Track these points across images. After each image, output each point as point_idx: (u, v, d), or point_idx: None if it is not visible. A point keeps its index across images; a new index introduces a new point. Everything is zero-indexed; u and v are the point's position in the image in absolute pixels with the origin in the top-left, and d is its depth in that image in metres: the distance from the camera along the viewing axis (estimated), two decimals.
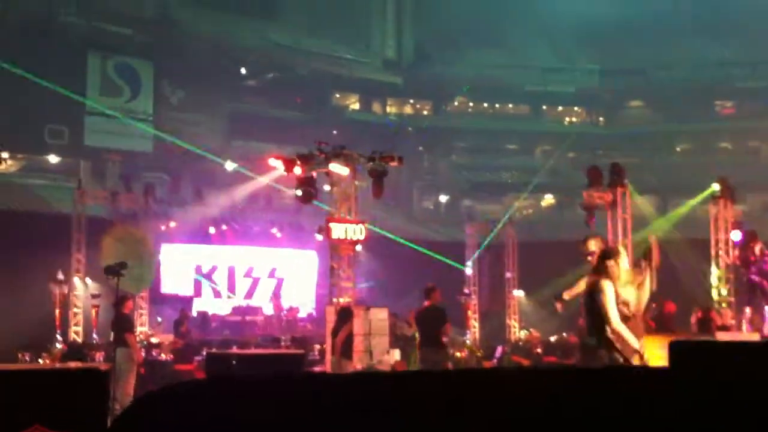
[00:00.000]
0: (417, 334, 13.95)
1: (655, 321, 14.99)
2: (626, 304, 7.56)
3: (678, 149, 42.80)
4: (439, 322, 12.44)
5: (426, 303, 12.67)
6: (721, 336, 13.68)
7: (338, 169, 15.33)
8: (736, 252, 18.13)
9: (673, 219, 22.97)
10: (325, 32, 37.95)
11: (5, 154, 32.65)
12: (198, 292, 24.52)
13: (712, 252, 18.84)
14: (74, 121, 31.55)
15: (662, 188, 35.77)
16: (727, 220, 18.82)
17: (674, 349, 3.42)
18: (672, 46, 39.06)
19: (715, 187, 18.92)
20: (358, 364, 13.98)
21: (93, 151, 32.37)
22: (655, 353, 7.94)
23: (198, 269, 24.82)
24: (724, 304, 18.31)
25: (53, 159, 33.22)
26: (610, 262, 7.37)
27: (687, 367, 3.36)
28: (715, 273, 18.74)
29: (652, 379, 3.57)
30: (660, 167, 38.76)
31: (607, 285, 7.16)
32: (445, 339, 12.65)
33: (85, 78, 31.94)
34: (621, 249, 8.20)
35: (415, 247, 24.26)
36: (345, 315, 13.02)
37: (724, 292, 18.60)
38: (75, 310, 18.84)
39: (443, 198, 41.51)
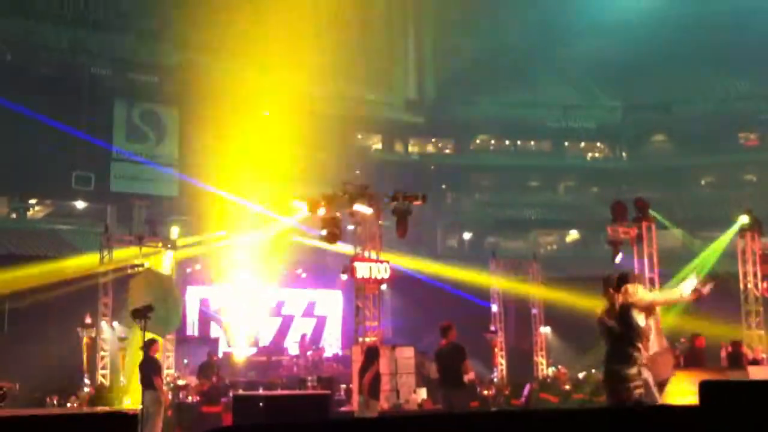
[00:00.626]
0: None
1: (685, 356, 14.79)
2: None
3: (702, 182, 42.56)
4: (458, 360, 12.26)
5: (443, 342, 12.46)
6: (753, 370, 13.44)
7: (362, 209, 15.39)
8: (765, 285, 17.91)
9: (717, 252, 22.44)
10: (348, 74, 38.33)
11: (33, 201, 33.45)
12: (207, 331, 24.46)
13: (741, 285, 18.61)
14: (101, 167, 32.02)
15: (688, 222, 35.52)
16: (755, 252, 18.62)
17: (705, 388, 3.39)
18: (693, 80, 39.09)
19: (744, 219, 18.74)
20: (384, 403, 13.90)
21: (119, 196, 32.77)
22: (685, 388, 7.85)
23: (203, 303, 24.75)
24: (755, 338, 18.05)
25: (80, 204, 33.65)
26: (629, 286, 7.45)
27: (717, 407, 3.32)
28: (744, 306, 18.50)
29: (683, 417, 3.53)
30: (685, 201, 38.54)
31: (635, 308, 7.26)
32: (466, 377, 12.45)
33: (111, 125, 32.47)
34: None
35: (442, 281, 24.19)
36: (372, 354, 12.94)
37: (753, 325, 18.34)
38: (102, 353, 18.91)
39: (467, 235, 41.44)
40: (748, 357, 16.25)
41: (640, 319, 7.46)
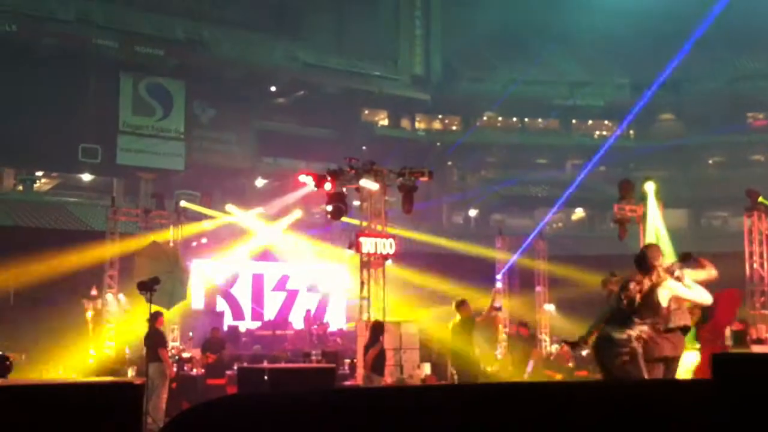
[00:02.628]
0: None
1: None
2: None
3: (710, 162, 42.39)
4: (469, 336, 12.37)
5: (458, 317, 12.61)
6: (757, 349, 13.47)
7: (368, 184, 15.35)
8: None
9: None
10: (354, 50, 38.19)
11: (40, 173, 33.49)
12: (214, 306, 24.55)
13: (746, 265, 18.57)
14: (107, 141, 32.00)
15: (695, 201, 35.41)
16: (762, 232, 18.56)
17: (717, 362, 3.36)
18: (702, 59, 38.74)
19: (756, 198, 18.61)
20: (388, 378, 13.95)
21: (126, 170, 32.79)
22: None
23: (221, 288, 24.83)
24: (759, 318, 18.03)
25: (86, 177, 33.69)
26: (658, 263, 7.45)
27: (730, 380, 3.29)
28: (749, 285, 18.47)
29: (695, 392, 3.51)
30: (692, 180, 38.41)
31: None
32: (477, 350, 12.57)
33: (117, 98, 32.40)
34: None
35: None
36: (377, 330, 12.99)
37: (758, 305, 18.32)
38: (108, 325, 19.00)
39: (473, 213, 41.40)
40: (752, 336, 16.25)
41: (663, 299, 7.41)
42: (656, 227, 18.25)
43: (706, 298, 7.56)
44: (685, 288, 7.35)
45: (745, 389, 3.21)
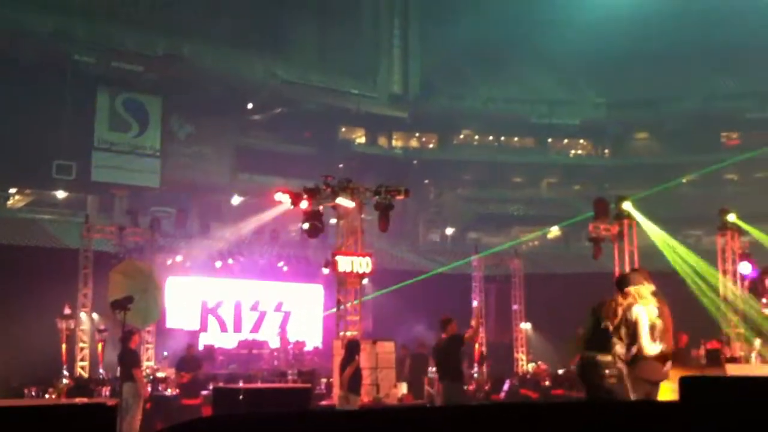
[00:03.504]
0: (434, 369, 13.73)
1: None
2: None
3: (684, 181, 42.80)
4: (458, 353, 12.23)
5: (443, 335, 12.42)
6: (731, 368, 13.55)
7: (345, 202, 15.37)
8: (746, 283, 18.06)
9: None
10: (333, 67, 38.28)
11: (13, 190, 33.13)
12: (204, 327, 24.42)
13: (720, 283, 18.74)
14: (82, 157, 31.73)
15: (669, 220, 35.69)
16: (734, 251, 18.77)
17: (685, 385, 3.39)
18: (678, 78, 39.25)
19: (731, 217, 18.84)
20: (365, 397, 13.91)
21: (100, 186, 32.52)
22: (665, 386, 7.89)
23: (204, 305, 24.70)
24: (732, 336, 18.18)
25: (60, 194, 33.39)
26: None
27: (697, 403, 3.33)
28: (723, 305, 18.64)
29: (663, 414, 3.54)
30: (667, 199, 38.74)
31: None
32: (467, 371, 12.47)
33: (94, 113, 32.18)
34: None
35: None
36: (352, 348, 12.94)
37: (732, 323, 18.48)
38: (81, 344, 18.76)
39: (449, 230, 41.50)
40: (726, 355, 16.38)
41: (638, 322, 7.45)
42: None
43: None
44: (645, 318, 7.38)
45: (712, 412, 3.25)
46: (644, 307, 7.37)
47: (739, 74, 39.75)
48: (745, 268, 18.37)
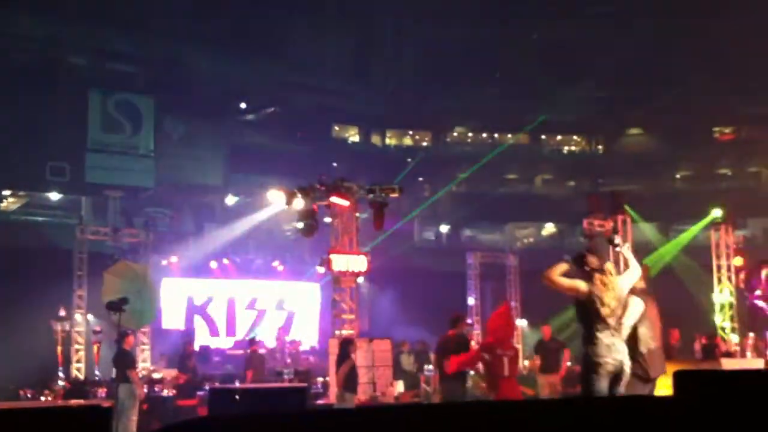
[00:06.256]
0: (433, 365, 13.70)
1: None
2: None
3: (678, 176, 42.87)
4: (465, 351, 12.20)
5: (450, 332, 12.37)
6: (726, 362, 13.60)
7: (339, 201, 15.36)
8: (741, 276, 18.13)
9: (680, 245, 22.89)
10: (327, 66, 38.23)
11: (7, 192, 33.03)
12: (191, 325, 24.26)
13: (715, 278, 18.81)
14: (75, 158, 31.63)
15: (663, 215, 35.74)
16: (728, 245, 18.82)
17: (679, 379, 3.40)
18: (670, 73, 39.22)
19: (716, 213, 18.94)
20: (362, 395, 13.91)
21: (94, 188, 32.41)
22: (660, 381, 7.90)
23: (190, 301, 24.56)
24: (727, 330, 18.25)
25: (54, 196, 33.28)
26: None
27: (692, 397, 3.33)
28: (717, 299, 18.71)
29: (658, 408, 3.55)
30: (661, 194, 38.78)
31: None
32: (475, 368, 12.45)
33: (86, 115, 32.09)
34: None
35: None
36: (346, 347, 12.93)
37: (727, 317, 18.55)
38: (77, 346, 18.75)
39: (444, 228, 41.47)
40: (721, 349, 16.43)
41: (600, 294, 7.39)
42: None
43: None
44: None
45: (706, 405, 3.26)
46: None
47: (730, 71, 39.76)
48: (739, 261, 18.44)
